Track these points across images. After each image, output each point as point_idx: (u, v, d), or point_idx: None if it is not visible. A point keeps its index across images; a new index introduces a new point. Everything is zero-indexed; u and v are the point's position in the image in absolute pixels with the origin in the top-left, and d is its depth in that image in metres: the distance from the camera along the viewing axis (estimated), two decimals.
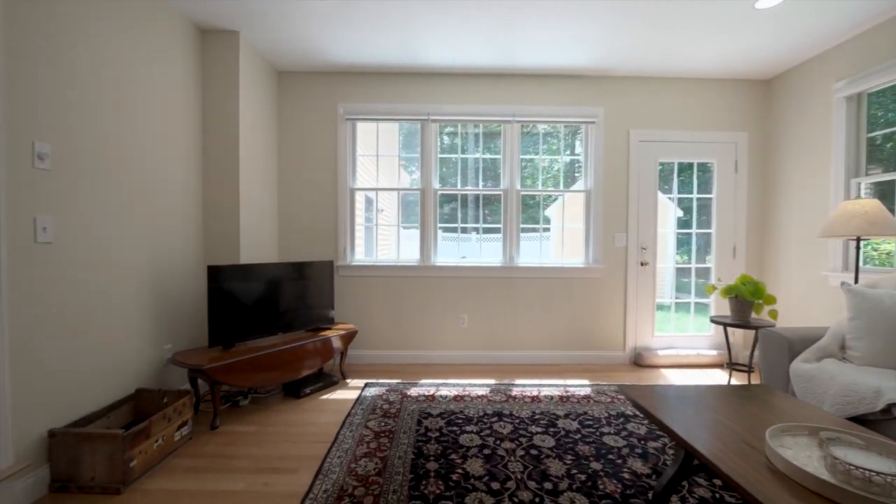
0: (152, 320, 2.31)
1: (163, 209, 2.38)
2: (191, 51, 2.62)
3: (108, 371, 2.01)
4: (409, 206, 3.69)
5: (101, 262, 1.96)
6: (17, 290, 1.57)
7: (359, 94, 3.38)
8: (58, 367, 1.74)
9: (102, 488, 1.67)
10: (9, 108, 1.55)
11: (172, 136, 2.46)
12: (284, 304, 2.77)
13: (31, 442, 1.64)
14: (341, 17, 2.55)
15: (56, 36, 1.73)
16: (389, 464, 1.86)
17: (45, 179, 1.69)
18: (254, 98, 2.96)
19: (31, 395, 1.63)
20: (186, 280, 2.59)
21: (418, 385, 2.87)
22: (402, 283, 3.43)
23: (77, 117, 1.83)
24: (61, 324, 1.76)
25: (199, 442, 2.10)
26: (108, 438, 1.67)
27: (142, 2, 2.21)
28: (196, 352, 2.42)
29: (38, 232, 1.65)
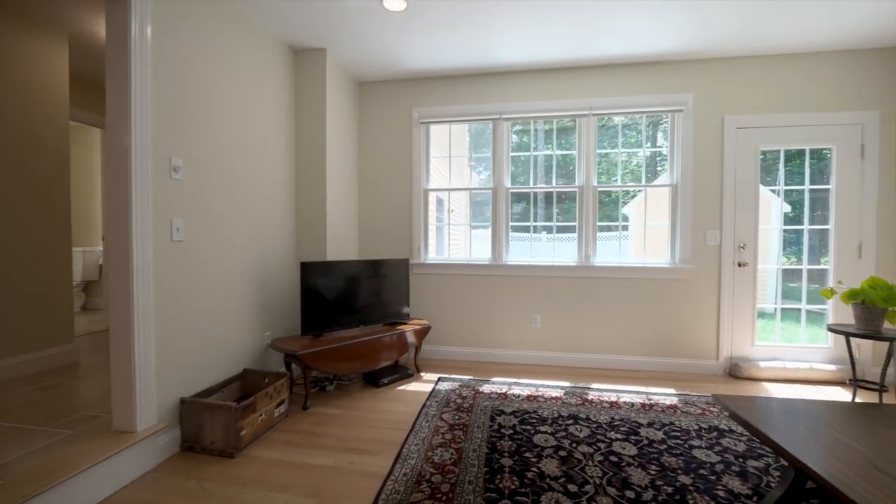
0: (255, 309, 2.62)
1: (264, 212, 2.69)
2: (286, 69, 2.93)
3: (222, 352, 2.33)
4: (479, 205, 3.73)
5: (218, 257, 2.28)
6: (159, 282, 1.90)
7: (432, 98, 3.50)
8: (186, 345, 2.07)
9: (219, 451, 1.94)
10: (156, 132, 1.88)
11: (272, 147, 2.77)
12: (364, 299, 2.96)
13: (169, 408, 1.96)
14: (417, 28, 2.67)
15: (184, 71, 2.05)
16: (464, 455, 1.90)
17: (178, 187, 2.01)
18: (338, 109, 3.22)
19: (168, 369, 1.96)
20: (282, 274, 2.90)
21: (490, 383, 2.89)
22: (473, 281, 3.48)
23: (200, 133, 2.15)
24: (190, 309, 2.08)
25: (293, 420, 2.34)
26: (224, 409, 1.94)
27: (248, 32, 2.52)
28: (290, 339, 2.70)
29: (173, 232, 1.98)
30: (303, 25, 2.67)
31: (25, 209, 2.67)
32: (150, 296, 1.84)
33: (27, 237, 2.69)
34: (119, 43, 1.77)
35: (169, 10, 1.95)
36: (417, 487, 1.66)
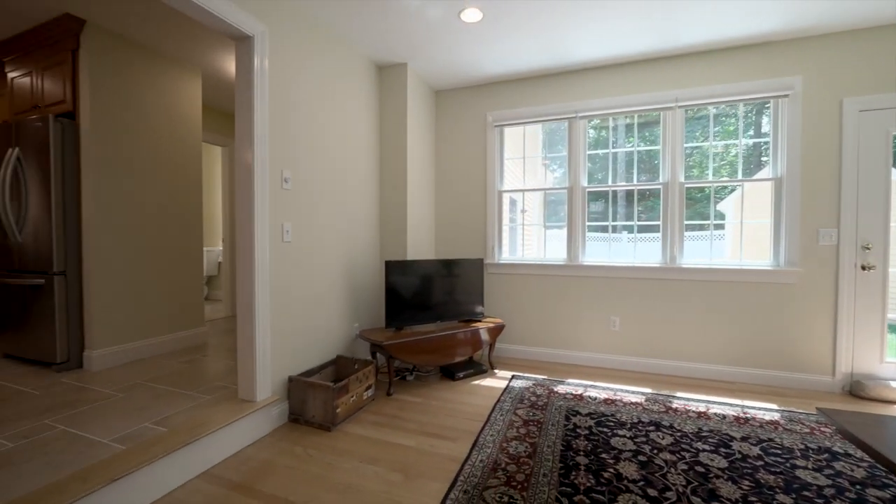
0: (346, 302, 2.92)
1: (354, 214, 2.99)
2: (372, 85, 3.21)
3: (320, 339, 2.65)
4: (553, 205, 3.70)
5: (317, 256, 2.60)
6: (274, 277, 2.24)
7: (505, 101, 3.57)
8: (293, 332, 2.40)
9: (319, 424, 2.22)
10: (271, 150, 2.22)
11: (360, 157, 3.06)
12: (440, 297, 3.13)
13: (279, 384, 2.30)
14: (492, 36, 2.76)
15: (289, 94, 2.38)
16: (539, 450, 1.95)
17: (288, 196, 2.34)
18: (417, 118, 3.43)
19: (279, 351, 2.29)
20: (369, 272, 3.19)
21: (565, 383, 2.88)
22: (547, 281, 3.47)
23: (303, 148, 2.48)
24: (296, 301, 2.41)
25: (378, 404, 2.57)
26: (323, 388, 2.21)
27: (341, 54, 2.83)
28: (375, 331, 2.96)
29: (284, 234, 2.31)
30: (387, 43, 2.91)
31: (167, 215, 3.28)
32: (267, 288, 2.18)
33: (169, 238, 3.29)
34: (245, 75, 2.12)
35: (279, 43, 2.29)
36: (493, 474, 1.75)
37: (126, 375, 2.64)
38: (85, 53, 2.71)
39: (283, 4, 2.29)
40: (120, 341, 2.90)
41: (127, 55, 2.92)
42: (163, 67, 3.18)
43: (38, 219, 2.75)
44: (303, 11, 2.44)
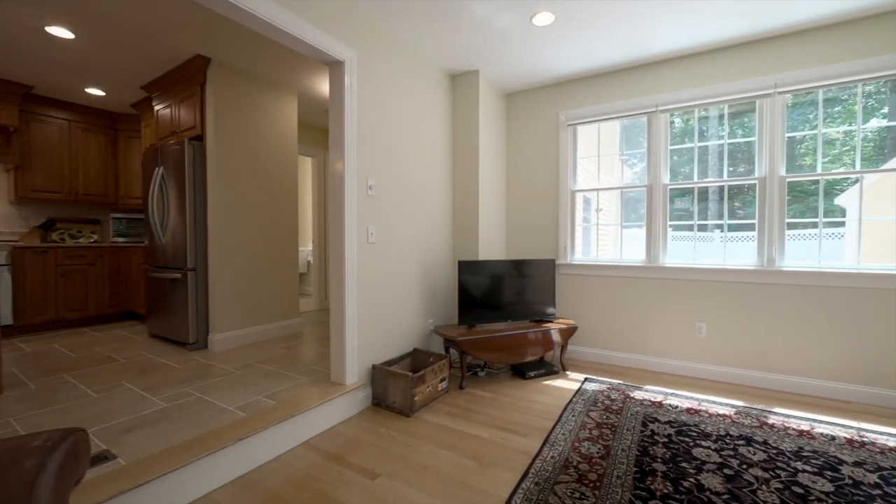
0: (422, 299, 3.12)
1: (429, 216, 3.17)
2: (445, 93, 3.38)
3: (398, 332, 2.87)
4: (630, 204, 3.55)
5: (396, 256, 2.82)
6: (361, 275, 2.49)
7: (578, 99, 3.51)
8: (376, 324, 2.64)
9: (399, 410, 2.43)
10: (358, 160, 2.47)
11: (436, 160, 3.24)
12: (511, 296, 3.19)
13: (364, 371, 2.55)
14: (564, 36, 2.75)
15: (372, 107, 2.62)
16: (612, 452, 1.94)
17: (371, 202, 2.59)
18: (488, 122, 3.53)
19: (365, 340, 2.54)
20: (442, 271, 3.36)
21: (643, 389, 2.77)
22: (624, 283, 3.35)
23: (383, 157, 2.71)
24: (378, 297, 2.65)
25: (452, 396, 2.71)
26: (403, 377, 2.41)
27: (416, 66, 3.03)
28: (449, 327, 3.11)
29: (369, 236, 2.55)
30: (460, 53, 3.05)
31: (270, 220, 3.76)
32: (355, 285, 2.44)
33: (271, 240, 3.78)
34: (337, 95, 2.40)
35: (366, 64, 2.53)
36: (565, 470, 1.79)
37: (241, 356, 3.11)
38: (210, 86, 3.25)
39: (370, 30, 2.54)
40: (235, 327, 3.42)
41: (240, 84, 3.43)
42: (267, 92, 3.67)
43: (176, 224, 3.35)
44: (386, 34, 2.68)
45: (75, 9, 2.56)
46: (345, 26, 2.36)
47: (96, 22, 2.71)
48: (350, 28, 2.41)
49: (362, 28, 2.49)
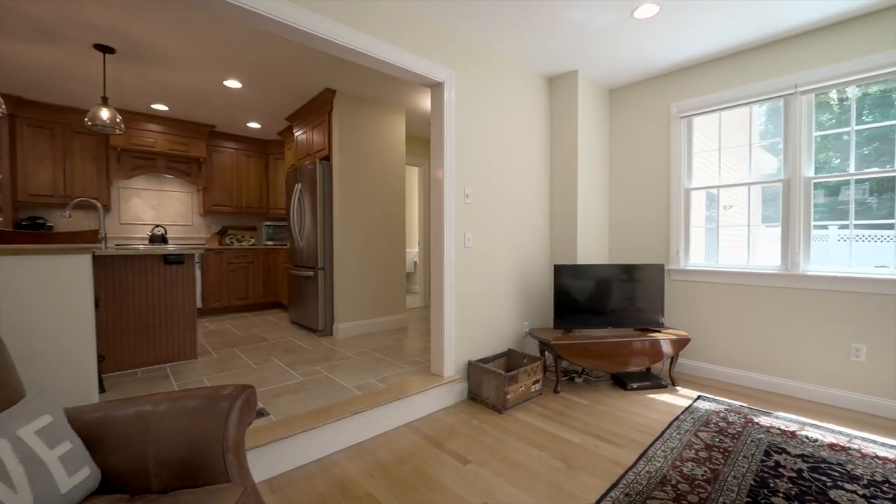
0: (517, 302, 3.19)
1: (524, 221, 3.23)
2: (541, 96, 3.39)
3: (493, 332, 3.00)
4: (767, 201, 3.08)
5: (492, 260, 2.96)
6: (458, 276, 2.69)
7: (693, 88, 3.19)
8: (472, 323, 2.81)
9: (492, 405, 2.55)
10: (457, 171, 2.68)
11: (532, 165, 3.29)
12: (613, 302, 3.05)
13: (461, 366, 2.74)
14: (672, 24, 2.56)
15: (469, 119, 2.79)
16: (721, 478, 1.77)
17: (469, 209, 2.77)
18: (588, 121, 3.43)
19: (462, 338, 2.73)
20: (538, 274, 3.38)
21: (772, 415, 2.42)
22: (752, 293, 2.94)
23: (480, 166, 2.86)
24: (474, 298, 2.82)
25: (545, 398, 2.74)
26: (496, 375, 2.53)
27: (512, 74, 3.12)
28: (544, 330, 3.13)
29: (466, 240, 2.74)
30: (556, 56, 3.05)
31: (380, 225, 4.22)
32: (453, 286, 2.64)
33: (381, 242, 4.24)
34: (438, 113, 2.63)
35: (464, 80, 2.72)
36: (661, 487, 1.70)
37: (357, 344, 3.59)
38: (335, 113, 3.81)
39: (467, 49, 2.73)
40: (353, 319, 3.94)
41: (358, 109, 3.95)
42: (380, 112, 4.14)
43: (310, 230, 4.01)
44: (482, 50, 2.84)
45: (244, 66, 3.29)
46: (445, 50, 2.59)
47: (257, 74, 3.43)
48: (449, 51, 2.62)
49: (460, 49, 2.69)
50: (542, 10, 2.43)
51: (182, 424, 1.08)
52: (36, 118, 4.10)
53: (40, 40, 2.88)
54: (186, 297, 3.11)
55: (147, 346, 2.94)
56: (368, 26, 2.18)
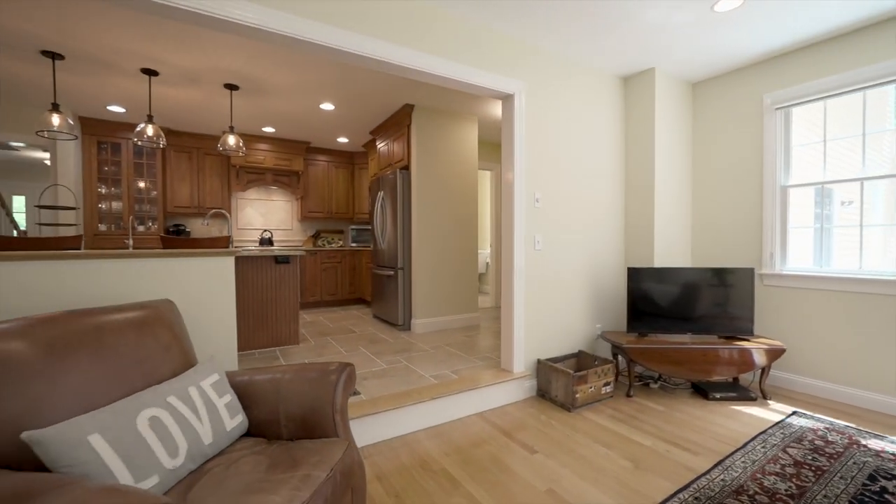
0: (588, 304, 3.21)
1: (596, 223, 3.23)
2: (615, 97, 3.35)
3: (563, 333, 3.06)
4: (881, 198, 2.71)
5: (562, 262, 3.02)
6: (528, 278, 2.81)
7: (791, 76, 2.92)
8: (541, 323, 2.91)
9: (560, 403, 2.63)
10: (526, 177, 2.80)
11: (604, 165, 3.27)
12: (696, 308, 2.92)
13: (530, 364, 2.85)
14: (761, 9, 2.40)
15: (539, 125, 2.89)
16: (809, 496, 1.67)
17: (538, 213, 2.87)
18: (667, 119, 3.31)
19: (530, 337, 2.85)
20: (611, 277, 3.35)
21: (886, 439, 2.16)
22: (863, 301, 2.62)
23: (550, 170, 2.95)
24: (544, 299, 2.91)
25: (616, 401, 2.73)
26: (565, 374, 2.61)
27: (584, 77, 3.14)
28: (617, 333, 3.10)
29: (535, 244, 2.85)
30: (632, 55, 3.01)
31: (454, 227, 4.46)
32: (522, 287, 2.78)
33: (455, 244, 4.47)
34: (508, 123, 2.78)
35: (534, 90, 2.84)
36: (735, 496, 1.67)
37: (432, 339, 3.87)
38: (414, 126, 4.15)
39: (537, 60, 2.84)
40: (429, 315, 4.24)
41: (434, 120, 4.24)
42: (454, 122, 4.39)
43: (391, 234, 4.40)
44: (553, 59, 2.92)
45: (336, 91, 3.76)
46: (514, 63, 2.73)
47: (346, 96, 3.89)
48: (519, 63, 2.76)
49: (530, 59, 2.81)
50: (616, 13, 2.45)
51: (303, 389, 1.39)
52: (179, 144, 5.07)
53: (187, 85, 3.61)
54: (291, 292, 3.65)
55: (261, 332, 3.52)
56: (442, 50, 2.41)
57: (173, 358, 1.36)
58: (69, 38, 2.80)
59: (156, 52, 3.02)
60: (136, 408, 1.07)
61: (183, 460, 1.10)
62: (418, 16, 2.31)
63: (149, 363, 1.27)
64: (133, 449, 0.99)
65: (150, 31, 2.72)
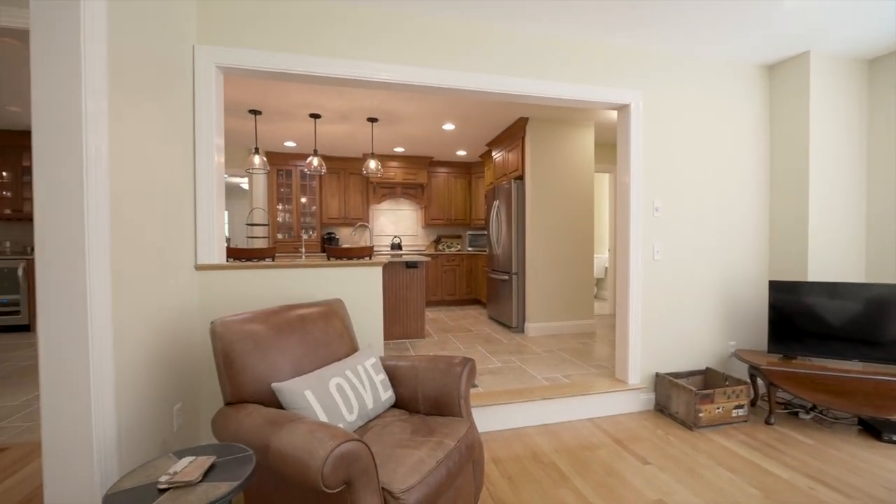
0: (719, 319, 2.96)
1: (729, 231, 2.96)
2: (756, 89, 3.01)
3: (686, 348, 2.89)
4: None
5: (686, 273, 2.87)
6: (645, 287, 2.76)
7: None
8: (660, 335, 2.82)
9: (681, 421, 2.53)
10: (644, 185, 2.76)
11: (739, 167, 2.97)
12: (870, 330, 2.47)
13: (646, 376, 2.79)
14: None
15: (659, 128, 2.80)
16: None
17: (657, 221, 2.79)
18: (828, 105, 2.84)
19: (648, 348, 2.79)
20: (750, 290, 3.02)
21: None
22: None
23: (674, 176, 2.83)
24: (663, 310, 2.82)
25: (751, 427, 2.50)
26: (686, 390, 2.50)
27: (712, 76, 2.91)
28: (755, 353, 2.80)
29: (654, 253, 2.78)
30: (777, 43, 2.69)
31: (567, 232, 4.48)
32: (639, 297, 2.74)
33: (568, 249, 4.48)
34: (624, 134, 2.78)
35: (651, 96, 2.77)
36: None
37: (545, 343, 3.99)
38: (528, 137, 4.32)
39: (658, 65, 2.76)
40: (542, 320, 4.36)
41: (548, 130, 4.35)
42: (568, 129, 4.43)
43: (505, 240, 4.65)
44: (675, 61, 2.80)
45: (457, 114, 4.19)
46: (630, 73, 2.72)
47: (466, 117, 4.29)
48: (635, 72, 2.73)
49: (649, 66, 2.75)
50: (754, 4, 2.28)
51: (435, 377, 1.74)
52: (331, 167, 6.16)
53: (339, 122, 4.44)
54: (419, 293, 4.18)
55: (395, 326, 4.13)
56: (554, 74, 2.56)
57: (345, 343, 1.85)
58: (266, 100, 3.78)
59: (320, 102, 3.84)
60: (328, 375, 1.54)
61: (356, 417, 1.53)
62: (536, 50, 2.52)
63: (331, 345, 1.77)
64: (328, 403, 1.45)
65: (318, 90, 3.51)
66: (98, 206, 1.28)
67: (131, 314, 1.49)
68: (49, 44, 1.21)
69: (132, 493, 0.95)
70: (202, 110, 2.04)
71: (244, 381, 1.46)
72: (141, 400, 1.55)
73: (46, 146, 1.22)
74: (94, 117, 1.26)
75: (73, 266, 1.24)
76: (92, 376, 1.26)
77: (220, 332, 1.47)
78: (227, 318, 1.51)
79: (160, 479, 0.98)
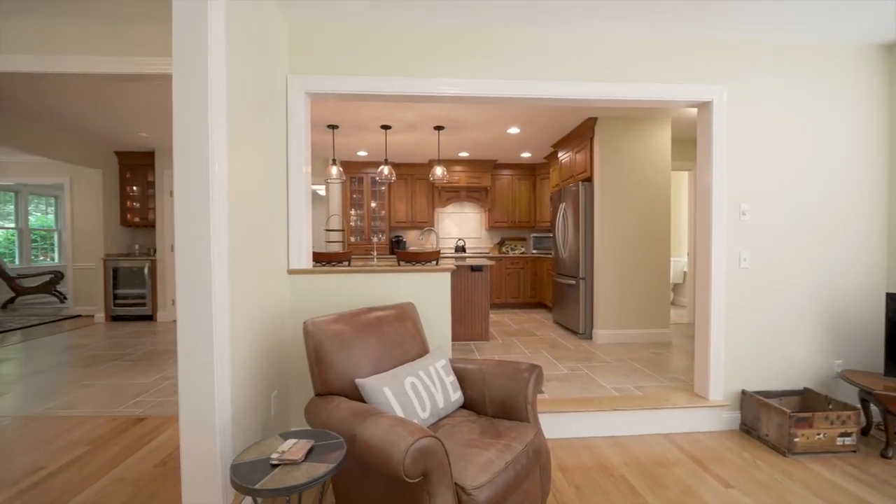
0: (823, 335, 2.64)
1: (836, 237, 2.62)
2: (871, 72, 2.63)
3: (780, 365, 2.62)
4: None
5: (779, 283, 2.60)
6: (729, 297, 2.56)
7: None
8: (748, 350, 2.59)
9: (772, 445, 2.31)
10: (728, 187, 2.56)
11: (849, 164, 2.62)
12: None
13: (731, 393, 2.58)
14: None
15: (747, 126, 2.57)
16: None
17: (744, 226, 2.57)
18: None
19: (732, 363, 2.58)
20: (859, 303, 2.65)
21: None
22: None
23: (764, 177, 2.58)
24: (752, 323, 2.59)
25: (862, 458, 2.21)
26: (779, 412, 2.28)
27: (812, 64, 2.60)
28: (869, 375, 2.46)
29: (741, 261, 2.57)
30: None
31: (640, 235, 4.24)
32: (722, 308, 2.55)
33: (641, 253, 4.25)
34: (705, 134, 2.60)
35: (737, 93, 2.55)
36: None
37: (615, 351, 3.84)
38: (597, 138, 4.19)
39: (747, 56, 2.55)
40: (612, 327, 4.20)
41: (620, 130, 4.17)
42: (642, 128, 4.21)
43: (572, 244, 4.54)
44: (761, 49, 2.56)
45: (522, 118, 4.20)
46: (713, 67, 2.53)
47: (531, 121, 4.28)
48: (719, 66, 2.54)
49: (736, 58, 2.55)
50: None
51: (502, 382, 1.79)
52: (399, 173, 6.45)
53: (408, 131, 4.67)
54: (483, 295, 4.25)
55: (460, 328, 4.24)
56: (623, 76, 2.48)
57: (417, 344, 1.97)
58: (343, 116, 4.10)
59: (390, 114, 4.07)
60: (403, 374, 1.67)
61: (428, 415, 1.64)
62: (598, 51, 2.47)
63: (405, 346, 1.90)
64: (404, 400, 1.57)
65: (389, 104, 3.72)
66: (219, 219, 1.53)
67: (241, 311, 1.75)
68: (186, 89, 1.47)
69: (252, 465, 1.14)
70: (294, 132, 2.31)
71: (331, 376, 1.63)
72: (248, 386, 1.80)
73: (184, 169, 1.48)
74: (216, 144, 1.51)
75: (202, 270, 1.49)
76: (215, 362, 1.51)
77: (311, 331, 1.67)
78: (317, 319, 1.71)
79: (272, 456, 1.16)
